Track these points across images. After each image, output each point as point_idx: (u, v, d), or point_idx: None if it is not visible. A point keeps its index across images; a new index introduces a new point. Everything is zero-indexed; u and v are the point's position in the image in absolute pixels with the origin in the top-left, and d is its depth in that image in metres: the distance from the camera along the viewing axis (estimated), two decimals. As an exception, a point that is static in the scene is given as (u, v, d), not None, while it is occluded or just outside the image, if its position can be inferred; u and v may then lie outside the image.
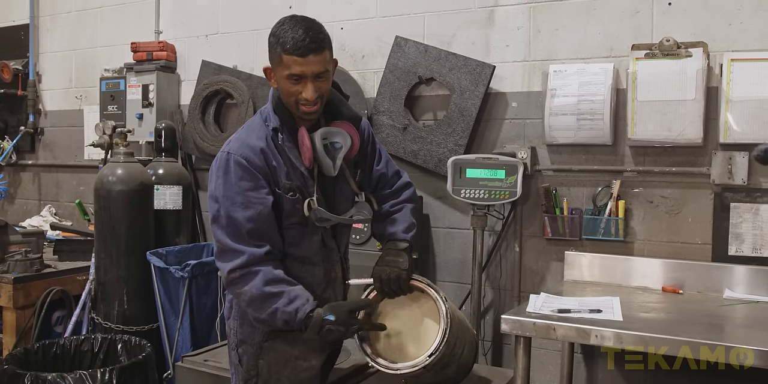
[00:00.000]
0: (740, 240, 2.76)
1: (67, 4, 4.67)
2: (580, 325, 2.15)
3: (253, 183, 1.93)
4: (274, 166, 1.97)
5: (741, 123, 2.68)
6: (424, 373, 2.02)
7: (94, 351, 3.15)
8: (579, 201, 3.04)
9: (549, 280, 3.11)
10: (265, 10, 3.82)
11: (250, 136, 1.99)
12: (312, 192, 2.01)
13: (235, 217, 1.91)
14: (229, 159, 1.94)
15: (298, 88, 1.89)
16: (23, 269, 3.40)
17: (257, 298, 1.90)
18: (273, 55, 1.91)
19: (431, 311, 2.06)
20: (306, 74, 1.86)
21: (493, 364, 3.21)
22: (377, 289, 2.07)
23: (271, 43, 1.90)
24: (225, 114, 3.99)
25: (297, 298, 1.91)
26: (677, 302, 2.59)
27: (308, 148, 1.94)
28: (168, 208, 3.69)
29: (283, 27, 1.88)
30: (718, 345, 1.96)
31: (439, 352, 1.97)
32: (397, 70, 3.34)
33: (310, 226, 2.03)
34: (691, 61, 2.74)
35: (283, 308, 1.89)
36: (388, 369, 2.02)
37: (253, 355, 2.05)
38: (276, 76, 1.94)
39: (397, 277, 2.02)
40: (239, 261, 1.91)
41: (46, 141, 4.81)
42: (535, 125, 3.12)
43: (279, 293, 1.90)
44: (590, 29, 3.01)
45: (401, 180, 2.28)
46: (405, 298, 2.10)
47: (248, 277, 1.90)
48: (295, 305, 1.89)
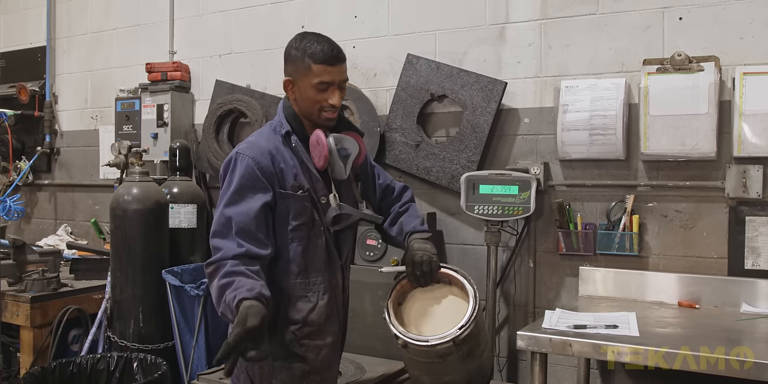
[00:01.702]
0: (756, 253, 2.74)
1: (83, 26, 4.75)
2: (597, 340, 2.14)
3: (252, 182, 1.98)
4: (281, 168, 2.03)
5: (755, 136, 2.68)
6: (452, 353, 2.04)
7: (110, 369, 3.15)
8: (593, 216, 3.03)
9: (564, 295, 3.09)
10: (278, 30, 3.86)
11: (259, 139, 2.08)
12: (324, 193, 2.09)
13: (226, 214, 1.97)
14: (237, 157, 2.01)
15: (324, 96, 2.02)
16: (40, 288, 3.42)
17: (215, 291, 1.88)
18: (299, 66, 2.02)
19: (460, 297, 2.14)
20: (334, 82, 2.02)
21: (508, 380, 3.19)
22: (409, 273, 2.14)
23: (296, 55, 2.02)
24: (239, 133, 4.02)
25: (241, 287, 1.82)
26: (694, 317, 2.57)
27: (324, 147, 2.02)
28: (183, 226, 3.70)
29: (305, 41, 2.02)
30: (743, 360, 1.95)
31: (469, 326, 2.01)
32: (409, 87, 3.36)
33: (316, 229, 2.09)
34: (703, 75, 2.75)
35: (228, 295, 1.82)
36: (418, 341, 2.03)
37: (266, 376, 2.05)
38: (299, 87, 2.04)
39: (429, 260, 2.12)
40: (215, 256, 1.93)
41: (62, 161, 4.87)
42: (547, 141, 3.12)
43: (230, 283, 1.84)
44: (601, 45, 3.03)
45: (398, 185, 2.42)
46: (433, 287, 2.19)
47: (216, 272, 1.91)
48: (234, 293, 1.81)
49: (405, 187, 2.44)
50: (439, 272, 2.17)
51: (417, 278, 2.15)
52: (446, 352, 2.03)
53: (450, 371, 2.16)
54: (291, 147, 2.06)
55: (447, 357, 2.06)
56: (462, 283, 2.14)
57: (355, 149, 2.12)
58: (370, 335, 3.02)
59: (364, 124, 3.42)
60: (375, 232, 2.50)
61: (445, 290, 2.19)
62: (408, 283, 2.20)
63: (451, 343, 2.00)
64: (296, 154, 2.06)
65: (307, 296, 2.08)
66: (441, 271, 2.18)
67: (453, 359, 2.08)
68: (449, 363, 2.10)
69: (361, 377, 2.68)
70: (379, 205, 2.37)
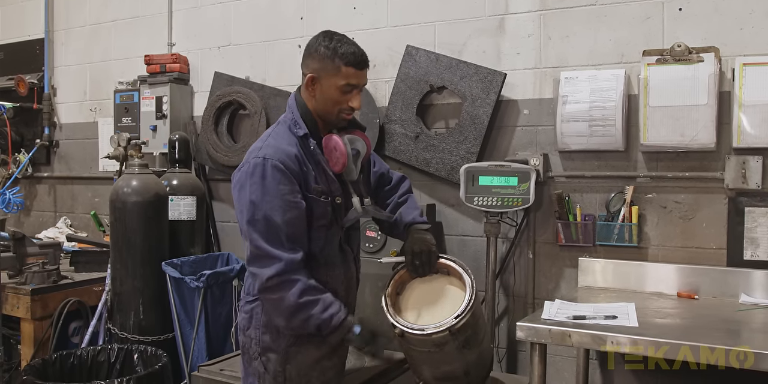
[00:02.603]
0: (755, 244, 2.74)
1: (81, 18, 4.73)
2: (596, 331, 2.15)
3: (290, 187, 1.99)
4: (305, 171, 2.05)
5: (754, 127, 2.67)
6: (449, 342, 2.05)
7: (111, 361, 3.17)
8: (592, 207, 3.04)
9: (563, 286, 3.10)
10: (277, 21, 3.86)
11: (281, 142, 2.06)
12: (339, 194, 2.13)
13: (274, 221, 1.96)
14: (265, 164, 1.98)
15: (347, 98, 2.06)
16: (40, 281, 3.43)
17: (293, 307, 1.96)
18: (327, 65, 2.03)
19: (458, 287, 2.16)
20: (359, 85, 2.08)
21: (508, 371, 3.20)
22: (408, 263, 2.18)
23: (326, 54, 2.02)
24: (238, 125, 4.02)
25: (331, 305, 2.00)
26: (693, 308, 2.57)
27: (343, 154, 2.05)
28: (182, 218, 3.71)
29: (335, 41, 2.03)
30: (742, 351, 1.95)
31: (465, 315, 2.02)
32: (408, 79, 3.36)
33: (334, 228, 2.13)
34: (703, 66, 2.74)
35: (319, 315, 1.97)
36: (414, 330, 2.05)
37: (280, 362, 2.09)
38: (323, 85, 2.05)
39: (428, 250, 2.16)
40: (277, 268, 1.94)
41: (61, 153, 4.86)
42: (547, 132, 3.12)
43: (315, 301, 1.97)
44: (601, 36, 3.02)
45: (396, 175, 2.45)
46: (432, 277, 2.21)
47: (286, 285, 1.95)
48: (330, 312, 1.98)
49: (403, 177, 2.47)
50: (438, 263, 2.20)
51: (416, 268, 2.17)
52: (442, 342, 2.05)
53: (448, 361, 2.17)
54: (309, 150, 2.07)
55: (443, 346, 2.07)
56: (460, 273, 2.16)
57: (364, 148, 2.18)
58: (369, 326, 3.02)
59: (363, 116, 3.41)
60: (374, 224, 2.51)
61: (443, 280, 2.21)
62: (407, 274, 2.22)
63: (447, 333, 2.01)
64: (314, 156, 2.08)
65: (326, 288, 2.10)
66: (439, 262, 2.20)
67: (450, 349, 2.09)
68: (446, 352, 2.11)
69: (361, 367, 2.69)
70: (374, 192, 2.38)
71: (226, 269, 3.37)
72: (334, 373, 2.18)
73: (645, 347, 2.06)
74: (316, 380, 2.12)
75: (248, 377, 2.18)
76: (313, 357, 2.12)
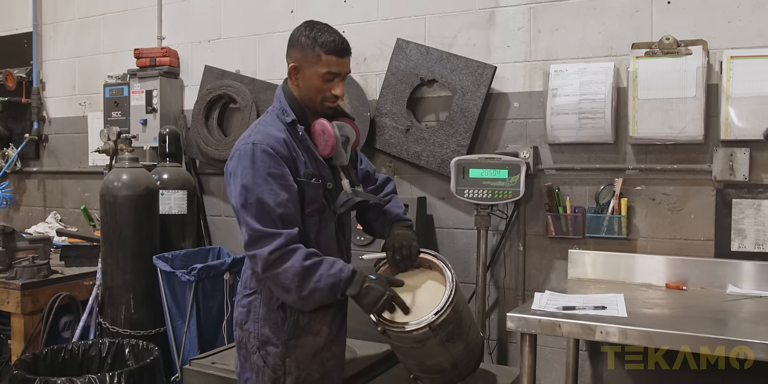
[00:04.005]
0: (743, 236, 2.77)
1: (69, 11, 4.70)
2: (585, 321, 2.16)
3: (281, 170, 2.01)
4: (294, 156, 2.06)
5: (742, 119, 2.70)
6: (430, 338, 2.05)
7: (102, 355, 3.16)
8: (582, 199, 3.05)
9: (553, 278, 3.12)
10: (267, 15, 3.85)
11: (269, 129, 2.08)
12: (330, 179, 2.14)
13: (267, 203, 1.97)
14: (255, 149, 2.01)
15: (329, 86, 2.08)
16: (30, 275, 3.41)
17: (300, 272, 1.95)
18: (308, 54, 2.05)
19: (440, 282, 2.15)
20: (341, 73, 2.09)
21: (498, 363, 3.22)
22: (389, 259, 2.18)
23: (306, 43, 2.05)
24: (228, 118, 4.01)
25: (336, 261, 2.01)
26: (681, 298, 2.60)
27: (331, 136, 2.08)
28: (173, 212, 3.71)
29: (315, 30, 2.06)
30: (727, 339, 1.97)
31: (445, 311, 2.02)
32: (398, 72, 3.36)
33: (326, 214, 2.14)
34: (691, 58, 2.76)
35: (327, 272, 1.97)
36: (394, 327, 2.05)
37: (280, 355, 2.09)
38: (305, 75, 2.08)
39: (408, 245, 2.17)
40: (277, 242, 1.95)
41: (50, 148, 4.84)
42: (537, 125, 3.13)
43: (319, 262, 1.98)
44: (590, 29, 3.03)
45: (381, 176, 2.47)
46: (415, 272, 2.21)
47: (288, 255, 1.96)
48: (337, 267, 1.99)
49: (388, 178, 2.50)
50: (420, 258, 2.20)
51: (397, 263, 2.18)
52: (423, 338, 2.05)
53: (432, 355, 2.18)
54: (298, 136, 2.09)
55: (425, 342, 2.08)
56: (441, 268, 2.16)
57: (353, 135, 2.21)
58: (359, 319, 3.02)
59: (354, 109, 3.41)
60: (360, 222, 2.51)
61: (425, 275, 2.21)
62: (389, 269, 2.22)
63: (427, 329, 2.01)
64: (302, 142, 2.10)
65: None
66: (421, 257, 2.20)
67: (432, 344, 2.09)
68: (429, 348, 2.11)
69: (352, 359, 2.70)
70: None
71: (218, 263, 3.37)
72: (334, 364, 2.19)
73: (634, 337, 2.08)
74: (315, 372, 2.13)
75: (245, 372, 2.17)
76: (313, 349, 2.12)
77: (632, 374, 2.99)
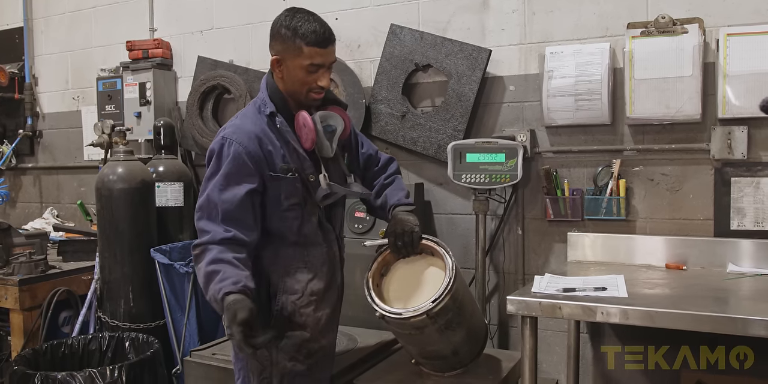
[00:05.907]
0: (742, 214, 2.76)
1: (60, 5, 4.66)
2: (586, 303, 2.15)
3: (239, 167, 1.98)
4: (270, 151, 2.03)
5: (739, 97, 2.68)
6: (428, 326, 2.04)
7: (102, 349, 3.16)
8: (580, 181, 3.04)
9: (553, 261, 3.11)
10: (259, 3, 3.81)
11: (244, 122, 2.06)
12: (312, 172, 2.09)
13: (212, 198, 1.98)
14: (223, 143, 2.01)
15: (314, 77, 2.03)
16: (28, 271, 3.40)
17: (203, 275, 1.92)
18: (289, 46, 2.00)
19: (441, 268, 2.14)
20: (325, 64, 2.03)
21: (499, 347, 3.21)
22: (391, 244, 2.16)
23: (287, 35, 2.00)
24: (223, 109, 3.98)
25: (227, 278, 1.86)
26: (681, 278, 2.58)
27: (311, 130, 2.03)
28: (170, 205, 3.69)
29: (296, 20, 1.99)
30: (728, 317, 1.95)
31: (443, 299, 2.01)
32: (393, 58, 3.33)
33: (309, 207, 2.11)
34: (687, 37, 2.73)
35: (214, 285, 1.87)
36: (392, 314, 2.04)
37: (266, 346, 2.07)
38: (288, 66, 2.03)
39: (410, 231, 2.13)
40: (202, 239, 1.95)
41: (45, 143, 4.81)
42: (533, 108, 3.11)
43: (218, 271, 1.88)
44: (585, 9, 3.00)
45: (384, 157, 2.43)
46: (416, 258, 2.20)
47: (204, 254, 1.94)
48: (222, 284, 1.85)
49: (390, 159, 2.46)
50: (422, 244, 2.19)
51: (398, 249, 2.17)
52: (421, 325, 2.04)
53: (431, 342, 2.17)
54: (276, 128, 2.05)
55: (423, 329, 2.07)
56: (442, 254, 2.15)
57: (341, 125, 2.14)
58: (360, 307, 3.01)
59: (348, 97, 3.39)
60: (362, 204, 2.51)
61: (427, 261, 2.20)
62: (391, 255, 2.21)
63: (425, 316, 2.01)
64: (282, 134, 2.06)
65: (306, 268, 2.12)
66: (423, 243, 2.19)
67: (430, 331, 2.09)
68: (428, 335, 2.11)
69: (354, 348, 2.69)
70: (363, 174, 2.38)
71: (216, 254, 3.35)
72: (321, 356, 2.18)
73: (634, 317, 2.06)
74: (301, 364, 2.12)
75: (238, 362, 2.20)
76: (298, 339, 2.11)
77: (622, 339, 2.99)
